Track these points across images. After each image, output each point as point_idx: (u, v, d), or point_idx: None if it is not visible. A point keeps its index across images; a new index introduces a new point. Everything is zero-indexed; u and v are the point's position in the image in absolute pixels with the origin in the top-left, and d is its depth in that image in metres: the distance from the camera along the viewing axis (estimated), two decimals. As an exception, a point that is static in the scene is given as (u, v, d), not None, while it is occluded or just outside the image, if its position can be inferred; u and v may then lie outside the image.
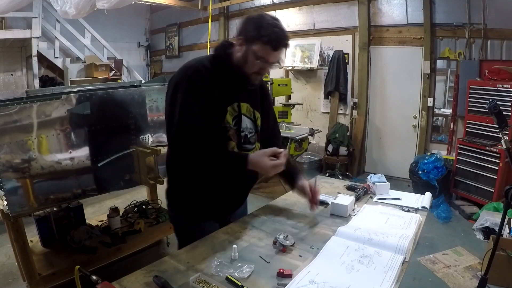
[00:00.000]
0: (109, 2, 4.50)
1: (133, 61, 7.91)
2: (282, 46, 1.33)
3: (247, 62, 1.34)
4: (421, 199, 1.74)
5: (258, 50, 1.31)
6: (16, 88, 5.80)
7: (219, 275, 1.10)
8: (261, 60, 1.33)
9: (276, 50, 1.32)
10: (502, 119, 1.84)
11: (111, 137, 2.44)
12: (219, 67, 1.39)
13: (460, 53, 4.30)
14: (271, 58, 1.34)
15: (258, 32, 1.29)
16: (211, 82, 1.35)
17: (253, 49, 1.31)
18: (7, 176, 2.00)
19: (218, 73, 1.38)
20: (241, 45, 1.35)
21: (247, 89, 1.46)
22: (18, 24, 5.71)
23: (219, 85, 1.37)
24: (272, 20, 1.32)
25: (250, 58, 1.33)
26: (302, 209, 1.64)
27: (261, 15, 1.35)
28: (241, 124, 1.44)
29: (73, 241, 2.46)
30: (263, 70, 1.39)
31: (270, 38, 1.29)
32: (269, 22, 1.30)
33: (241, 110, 1.44)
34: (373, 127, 5.25)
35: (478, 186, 3.78)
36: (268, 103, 1.64)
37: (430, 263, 2.86)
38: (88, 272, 1.03)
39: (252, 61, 1.33)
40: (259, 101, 1.55)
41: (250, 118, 1.48)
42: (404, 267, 1.16)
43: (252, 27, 1.31)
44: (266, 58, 1.33)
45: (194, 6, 6.52)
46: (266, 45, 1.29)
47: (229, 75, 1.39)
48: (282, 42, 1.32)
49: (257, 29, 1.29)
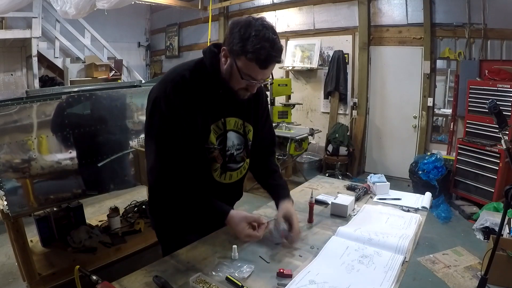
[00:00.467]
0: (109, 2, 4.51)
1: (133, 61, 7.91)
2: (271, 64, 1.13)
3: (232, 78, 1.17)
4: (421, 199, 1.74)
5: (243, 67, 1.12)
6: (16, 88, 5.80)
7: (219, 275, 1.10)
8: (247, 78, 1.15)
9: (264, 68, 1.13)
10: (502, 119, 1.84)
11: (111, 137, 2.45)
12: (203, 78, 1.22)
13: (460, 53, 4.30)
14: (259, 76, 1.15)
15: (243, 47, 1.08)
16: (192, 98, 1.19)
17: (237, 65, 1.13)
18: (7, 176, 2.00)
19: (200, 85, 1.21)
20: (226, 57, 1.16)
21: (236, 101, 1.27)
22: (18, 24, 5.71)
23: (201, 100, 1.21)
24: (261, 29, 1.08)
25: (234, 73, 1.15)
26: (302, 209, 1.63)
27: (248, 22, 1.10)
28: (227, 142, 1.30)
29: (73, 241, 2.46)
30: (252, 87, 1.20)
31: (257, 56, 1.08)
32: (256, 33, 1.07)
33: (226, 127, 1.29)
34: (373, 127, 5.25)
35: (478, 186, 3.78)
36: (263, 111, 1.45)
37: (430, 263, 2.86)
38: (88, 272, 1.03)
39: (237, 78, 1.15)
40: (251, 111, 1.37)
41: (238, 132, 1.34)
42: (404, 267, 1.16)
43: (237, 38, 1.09)
44: (252, 76, 1.14)
45: (194, 6, 6.52)
46: (252, 62, 1.10)
47: (213, 88, 1.23)
48: (271, 59, 1.11)
49: (242, 42, 1.08)
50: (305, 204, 1.59)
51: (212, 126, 1.26)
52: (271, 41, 1.10)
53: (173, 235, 1.41)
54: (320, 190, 1.89)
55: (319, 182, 2.06)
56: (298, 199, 1.75)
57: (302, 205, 1.68)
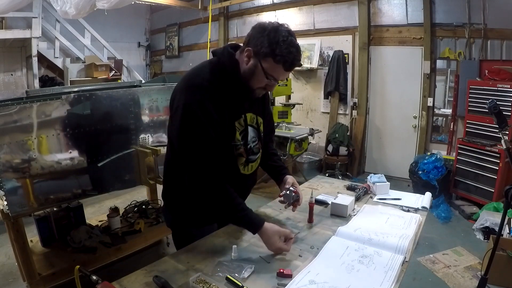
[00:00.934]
0: (109, 2, 4.50)
1: (133, 61, 7.91)
2: (295, 66, 1.27)
3: (254, 77, 1.26)
4: (421, 199, 1.74)
5: (269, 67, 1.23)
6: (16, 88, 5.80)
7: (219, 275, 1.10)
8: (270, 78, 1.26)
9: (289, 70, 1.26)
10: (502, 119, 1.84)
11: (111, 137, 2.45)
12: (223, 78, 1.29)
13: (460, 53, 4.30)
14: (281, 77, 1.28)
15: (273, 50, 1.19)
16: (218, 98, 1.26)
17: (263, 65, 1.23)
18: (7, 176, 2.00)
19: (221, 85, 1.28)
20: (249, 57, 1.25)
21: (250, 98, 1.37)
22: (18, 24, 5.71)
23: (224, 99, 1.28)
24: (287, 36, 1.20)
25: (258, 73, 1.25)
26: (302, 209, 1.63)
27: (276, 28, 1.21)
28: (248, 137, 1.39)
29: (73, 241, 2.46)
30: (270, 88, 1.32)
31: (285, 59, 1.20)
32: (284, 39, 1.19)
33: (247, 123, 1.38)
34: (373, 127, 5.25)
35: (478, 186, 3.78)
36: (267, 104, 1.58)
37: (430, 263, 2.86)
38: (88, 272, 1.03)
39: (260, 78, 1.26)
40: (261, 105, 1.48)
41: (253, 126, 1.43)
42: (404, 267, 1.16)
43: (266, 42, 1.19)
44: (275, 77, 1.26)
45: (194, 6, 6.52)
46: (279, 64, 1.21)
47: (234, 87, 1.30)
48: (296, 63, 1.24)
49: (271, 46, 1.19)
50: (305, 204, 1.58)
51: (236, 123, 1.34)
52: (297, 47, 1.23)
53: (190, 223, 1.46)
54: (320, 190, 1.89)
55: (319, 182, 2.06)
56: (298, 199, 1.76)
57: (302, 205, 1.68)
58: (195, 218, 1.45)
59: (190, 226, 1.45)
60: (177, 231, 1.53)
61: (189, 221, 1.46)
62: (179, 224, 1.51)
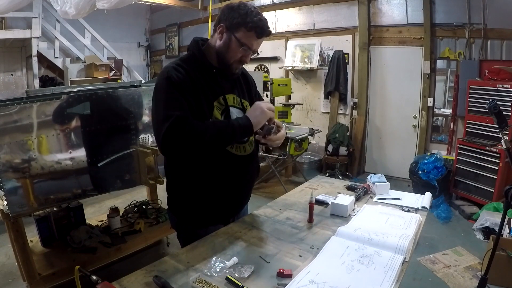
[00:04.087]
0: (109, 2, 4.50)
1: (133, 61, 7.91)
2: (266, 34, 1.34)
3: (229, 50, 1.34)
4: (421, 199, 1.74)
5: (242, 37, 1.31)
6: (16, 88, 5.80)
7: (219, 275, 1.10)
8: (244, 47, 1.33)
9: (260, 37, 1.34)
10: (502, 119, 1.84)
11: (111, 137, 2.45)
12: (196, 65, 1.36)
13: (460, 53, 4.30)
14: (254, 45, 1.35)
15: (244, 20, 1.29)
16: (191, 79, 1.32)
17: (236, 36, 1.31)
18: (7, 176, 2.00)
19: (196, 70, 1.35)
20: (222, 33, 1.34)
21: (229, 80, 1.44)
22: (18, 24, 5.71)
23: (200, 82, 1.34)
24: (254, 8, 1.33)
25: (232, 45, 1.33)
26: (302, 209, 1.63)
27: (243, 3, 1.34)
28: (230, 116, 1.40)
29: (73, 241, 2.46)
30: (245, 58, 1.38)
31: (256, 25, 1.30)
32: (252, 10, 1.31)
33: (227, 103, 1.41)
34: (373, 127, 5.25)
35: (478, 186, 3.78)
36: (253, 89, 1.61)
37: (430, 263, 2.86)
38: (88, 272, 1.03)
39: (235, 48, 1.33)
40: (244, 90, 1.53)
41: (239, 108, 1.45)
42: (404, 267, 1.16)
43: (237, 14, 1.30)
44: (249, 45, 1.33)
45: (194, 6, 6.52)
46: (251, 31, 1.30)
47: (207, 71, 1.37)
48: (266, 30, 1.33)
49: (242, 17, 1.29)
50: (305, 204, 1.59)
51: (214, 103, 1.37)
52: (264, 17, 1.35)
53: (195, 223, 1.46)
54: (320, 190, 1.89)
55: (319, 182, 2.06)
56: (298, 199, 1.76)
57: (302, 205, 1.68)
58: (200, 219, 1.46)
59: (195, 227, 1.45)
60: (183, 232, 1.52)
61: (194, 222, 1.47)
62: (185, 225, 1.51)
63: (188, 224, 1.48)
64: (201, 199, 1.43)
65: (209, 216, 1.46)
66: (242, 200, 1.59)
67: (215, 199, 1.43)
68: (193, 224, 1.47)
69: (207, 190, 1.41)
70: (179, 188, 1.46)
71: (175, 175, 1.46)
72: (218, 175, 1.40)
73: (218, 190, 1.42)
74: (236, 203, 1.55)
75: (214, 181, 1.40)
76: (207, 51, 1.40)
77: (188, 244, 1.35)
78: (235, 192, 1.50)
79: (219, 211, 1.47)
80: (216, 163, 1.37)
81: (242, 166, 1.46)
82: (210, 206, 1.44)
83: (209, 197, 1.42)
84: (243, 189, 1.55)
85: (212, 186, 1.41)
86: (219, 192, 1.43)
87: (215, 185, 1.41)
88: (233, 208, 1.55)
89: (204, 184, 1.40)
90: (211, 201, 1.43)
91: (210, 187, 1.41)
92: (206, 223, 1.46)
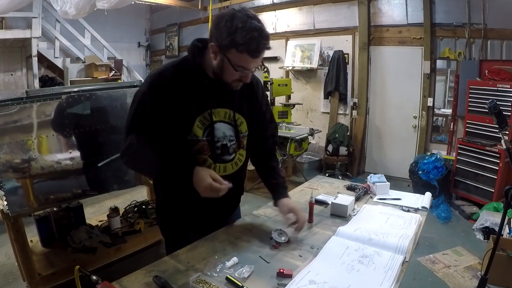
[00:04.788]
0: (109, 2, 4.50)
1: (133, 61, 7.90)
2: (262, 52, 1.15)
3: (224, 72, 1.18)
4: (421, 199, 1.74)
5: (234, 59, 1.13)
6: (16, 88, 5.80)
7: (219, 275, 1.10)
8: (240, 70, 1.16)
9: (256, 58, 1.14)
10: (502, 119, 1.84)
11: (111, 137, 2.44)
12: (187, 73, 1.24)
13: (460, 53, 4.30)
14: (251, 65, 1.17)
15: (233, 40, 1.09)
16: (171, 92, 1.20)
17: (229, 58, 1.14)
18: (7, 176, 2.00)
19: (185, 79, 1.23)
20: (215, 53, 1.17)
21: (227, 91, 1.27)
22: (18, 24, 5.71)
23: (183, 94, 1.22)
24: (246, 20, 1.09)
25: (227, 67, 1.16)
26: (302, 209, 1.63)
27: (232, 16, 1.10)
28: (215, 133, 1.28)
29: (73, 241, 2.46)
30: (245, 78, 1.22)
31: (248, 47, 1.10)
32: (243, 25, 1.08)
33: (213, 118, 1.27)
34: (373, 127, 5.25)
35: (478, 186, 3.78)
36: (261, 106, 1.43)
37: (430, 263, 2.86)
38: (88, 272, 1.03)
39: (231, 71, 1.17)
40: (244, 103, 1.36)
41: (229, 124, 1.32)
42: (404, 267, 1.16)
43: (225, 32, 1.10)
44: (245, 66, 1.16)
45: (194, 6, 6.51)
46: (243, 53, 1.11)
47: (199, 81, 1.24)
48: (261, 48, 1.13)
49: (230, 36, 1.09)
50: (305, 204, 1.59)
51: (198, 118, 1.25)
52: (258, 29, 1.11)
53: (176, 233, 1.44)
54: (320, 190, 1.89)
55: (319, 182, 2.06)
56: (298, 199, 1.76)
57: (302, 205, 1.68)
58: (182, 226, 1.42)
59: (184, 232, 1.41)
60: (171, 239, 1.49)
61: (177, 229, 1.44)
62: (168, 232, 1.49)
63: (176, 230, 1.45)
64: (182, 206, 1.38)
65: (191, 223, 1.41)
66: (224, 213, 1.50)
67: (195, 211, 1.38)
68: (177, 231, 1.44)
69: (187, 200, 1.33)
70: (164, 194, 1.44)
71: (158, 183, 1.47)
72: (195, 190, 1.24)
73: (197, 203, 1.30)
74: (216, 218, 1.46)
75: (192, 194, 1.24)
76: (204, 61, 1.24)
77: (169, 247, 1.35)
78: (214, 207, 1.37)
79: (201, 220, 1.42)
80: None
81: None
82: (191, 214, 1.39)
83: (189, 208, 1.37)
84: (222, 205, 1.42)
85: (191, 198, 1.28)
86: (198, 204, 1.32)
87: (194, 197, 1.25)
88: (215, 221, 1.46)
89: (184, 195, 1.31)
90: (192, 209, 1.38)
91: (189, 198, 1.30)
92: (188, 230, 1.41)
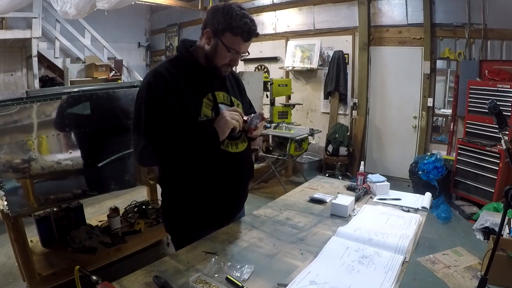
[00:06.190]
0: (109, 2, 4.50)
1: (133, 61, 7.90)
2: (253, 37, 1.33)
3: (217, 55, 1.33)
4: (421, 199, 1.74)
5: (228, 41, 1.30)
6: (16, 88, 5.79)
7: (219, 275, 1.10)
8: (232, 52, 1.32)
9: (247, 41, 1.32)
10: (502, 119, 1.84)
11: (111, 137, 2.45)
12: (183, 64, 1.37)
13: (460, 53, 4.30)
14: (243, 48, 1.34)
15: (229, 24, 1.27)
16: (176, 81, 1.31)
17: (223, 41, 1.30)
18: (7, 176, 2.00)
19: (183, 69, 1.35)
20: (209, 38, 1.32)
21: (219, 78, 1.43)
22: (18, 24, 5.71)
23: (187, 80, 1.34)
24: (240, 10, 1.29)
25: (220, 50, 1.32)
26: (302, 209, 1.64)
27: (228, 6, 1.30)
28: (220, 113, 1.37)
29: (73, 241, 2.46)
30: (234, 61, 1.37)
31: (242, 30, 1.28)
32: (237, 12, 1.28)
33: (216, 100, 1.39)
34: (373, 127, 5.25)
35: (478, 186, 3.78)
36: (242, 89, 1.60)
37: (430, 263, 2.86)
38: (88, 272, 1.03)
39: (223, 53, 1.32)
40: (235, 88, 1.53)
41: (229, 105, 1.44)
42: (404, 267, 1.16)
43: (221, 18, 1.28)
44: (237, 49, 1.32)
45: (194, 6, 6.51)
46: (237, 36, 1.29)
47: (195, 69, 1.37)
48: (253, 32, 1.31)
49: (226, 21, 1.27)
50: (305, 204, 1.59)
51: (204, 100, 1.36)
52: (251, 19, 1.31)
53: (188, 228, 1.45)
54: (320, 190, 1.89)
55: (319, 182, 2.06)
56: (298, 199, 1.76)
57: (302, 205, 1.68)
58: (193, 223, 1.44)
59: (189, 231, 1.43)
60: (177, 236, 1.51)
61: (187, 226, 1.45)
62: (177, 230, 1.50)
63: (182, 228, 1.47)
64: (196, 200, 1.40)
65: (203, 219, 1.43)
66: (237, 200, 1.56)
67: (210, 199, 1.41)
68: (187, 228, 1.45)
69: (201, 189, 1.39)
70: (173, 191, 1.44)
71: (168, 177, 1.45)
72: (212, 172, 1.38)
73: (212, 189, 1.40)
74: (231, 203, 1.52)
75: (208, 179, 1.39)
76: (196, 52, 1.38)
77: (182, 248, 1.34)
78: (230, 191, 1.47)
79: (214, 213, 1.45)
80: (209, 160, 1.36)
81: (235, 163, 1.44)
82: (204, 208, 1.42)
83: (204, 198, 1.40)
84: (237, 187, 1.51)
85: (206, 185, 1.39)
86: (213, 191, 1.41)
87: (209, 183, 1.39)
88: (228, 209, 1.52)
89: (198, 184, 1.39)
90: (206, 202, 1.41)
91: (204, 187, 1.39)
92: (200, 227, 1.43)
